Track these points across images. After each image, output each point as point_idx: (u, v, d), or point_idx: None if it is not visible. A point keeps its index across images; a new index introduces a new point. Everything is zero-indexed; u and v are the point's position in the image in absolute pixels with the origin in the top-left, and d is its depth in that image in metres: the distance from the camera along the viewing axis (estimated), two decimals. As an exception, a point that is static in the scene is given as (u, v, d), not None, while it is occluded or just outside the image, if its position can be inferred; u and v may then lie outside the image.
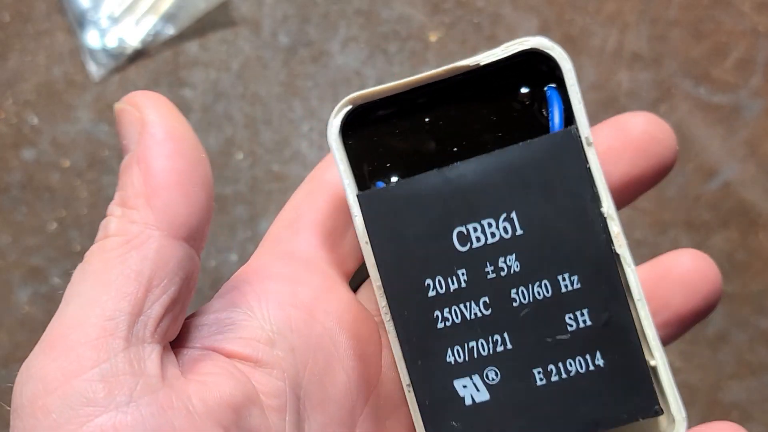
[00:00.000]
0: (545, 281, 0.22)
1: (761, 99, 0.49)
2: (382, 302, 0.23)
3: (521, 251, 0.22)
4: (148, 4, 0.48)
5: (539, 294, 0.22)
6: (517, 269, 0.22)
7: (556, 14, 0.50)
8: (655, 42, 0.49)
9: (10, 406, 0.19)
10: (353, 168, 0.24)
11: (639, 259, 0.48)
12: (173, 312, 0.18)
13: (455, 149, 0.24)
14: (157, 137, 0.19)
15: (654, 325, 0.22)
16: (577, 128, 0.22)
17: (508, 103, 0.23)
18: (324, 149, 0.48)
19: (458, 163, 0.22)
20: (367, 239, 0.23)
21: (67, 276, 0.48)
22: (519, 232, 0.22)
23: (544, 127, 0.23)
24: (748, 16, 0.50)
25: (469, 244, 0.22)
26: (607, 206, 0.22)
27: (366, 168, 0.24)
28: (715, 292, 0.24)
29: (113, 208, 0.19)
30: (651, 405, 0.21)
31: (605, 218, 0.22)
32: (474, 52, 0.49)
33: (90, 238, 0.48)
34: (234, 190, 0.47)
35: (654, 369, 0.22)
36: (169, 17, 0.48)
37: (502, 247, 0.22)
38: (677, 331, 0.24)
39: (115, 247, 0.18)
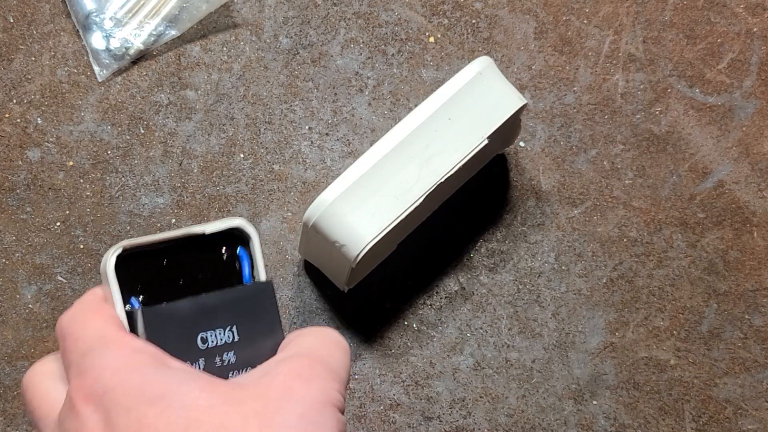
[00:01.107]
0: (248, 368, 0.34)
1: (755, 100, 0.49)
2: None
3: (237, 350, 0.35)
4: (150, 6, 0.49)
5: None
6: (233, 360, 0.35)
7: (553, 16, 0.50)
8: (650, 44, 0.50)
9: (12, 403, 0.22)
10: (123, 286, 0.36)
11: (633, 256, 0.48)
12: None
13: (184, 278, 0.37)
14: None
15: None
16: (271, 284, 0.36)
17: (226, 256, 0.37)
18: (324, 149, 0.48)
19: (203, 294, 0.35)
20: (144, 336, 0.34)
21: (71, 274, 0.48)
22: (237, 338, 0.35)
23: (238, 269, 0.38)
24: (742, 17, 0.50)
25: (206, 343, 0.35)
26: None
27: (131, 288, 0.36)
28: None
29: None
30: None
31: (284, 337, 0.35)
32: (472, 54, 0.49)
33: (93, 236, 0.49)
34: (235, 189, 0.47)
35: None
36: (171, 19, 0.49)
37: (226, 347, 0.35)
38: None
39: None
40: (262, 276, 0.37)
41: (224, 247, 0.38)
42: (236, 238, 0.37)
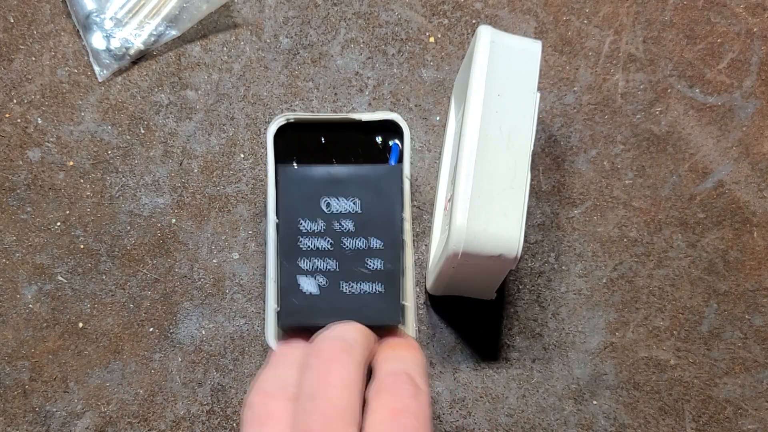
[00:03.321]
0: (363, 239, 0.38)
1: (755, 100, 0.49)
2: (270, 229, 0.40)
3: (356, 220, 0.39)
4: (151, 6, 0.49)
5: (359, 245, 0.38)
6: (351, 229, 0.38)
7: (553, 16, 0.50)
8: (650, 44, 0.50)
9: (12, 403, 0.22)
10: (278, 154, 0.42)
11: (634, 257, 0.48)
12: None
13: (337, 156, 0.42)
14: None
15: (411, 286, 0.40)
16: (401, 167, 0.40)
17: (373, 141, 0.43)
18: (324, 149, 0.48)
19: (335, 164, 0.40)
20: (275, 192, 0.40)
21: (71, 274, 0.48)
22: (358, 210, 0.38)
23: (386, 158, 0.43)
24: (742, 17, 0.50)
25: (329, 209, 0.39)
26: (407, 213, 0.40)
27: (285, 155, 0.42)
28: None
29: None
30: (396, 318, 0.38)
31: (403, 218, 0.39)
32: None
33: (94, 236, 0.49)
34: (236, 189, 0.47)
35: (405, 306, 0.39)
36: (171, 19, 0.49)
37: (346, 215, 0.38)
38: None
39: None
40: (406, 167, 0.42)
41: (380, 137, 0.43)
42: (391, 130, 0.43)
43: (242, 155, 0.48)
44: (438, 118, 0.49)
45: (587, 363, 0.46)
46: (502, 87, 0.40)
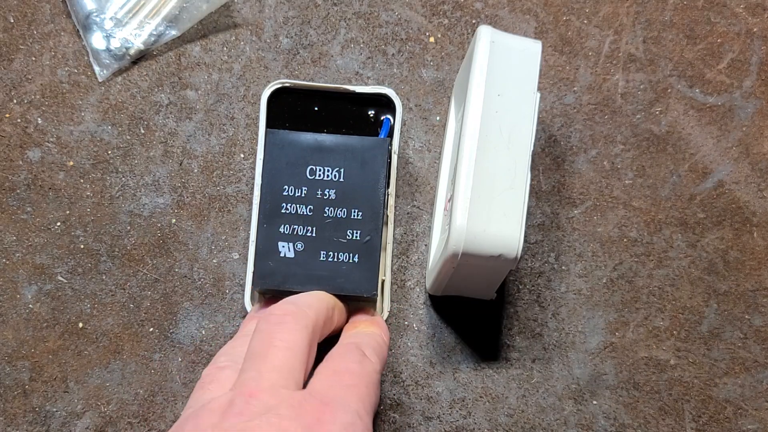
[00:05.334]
0: (344, 209, 0.39)
1: (755, 100, 0.49)
2: (257, 191, 0.42)
3: (338, 189, 0.40)
4: (151, 6, 0.49)
5: (339, 214, 0.39)
6: (333, 197, 0.39)
7: (553, 16, 0.50)
8: (650, 44, 0.50)
9: (12, 403, 0.23)
10: (272, 119, 0.44)
11: (634, 257, 0.48)
12: None
13: (329, 127, 0.44)
14: None
15: (390, 262, 0.43)
16: (390, 140, 0.42)
17: (366, 114, 0.45)
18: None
19: (324, 133, 0.41)
20: (263, 155, 0.41)
21: (71, 274, 0.48)
22: (341, 179, 0.39)
23: (376, 132, 0.44)
24: (742, 17, 0.50)
25: (313, 176, 0.39)
26: (392, 187, 0.42)
27: (278, 122, 0.44)
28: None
29: None
30: (371, 291, 0.39)
31: (387, 193, 0.40)
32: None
33: (94, 236, 0.49)
34: (236, 189, 0.47)
35: (383, 281, 0.42)
36: (171, 19, 0.49)
37: (329, 184, 0.39)
38: None
39: None
40: (395, 143, 0.43)
41: (372, 110, 0.44)
42: (384, 105, 0.44)
43: (242, 155, 0.48)
44: (438, 118, 0.49)
45: (587, 363, 0.46)
46: (502, 87, 0.40)
